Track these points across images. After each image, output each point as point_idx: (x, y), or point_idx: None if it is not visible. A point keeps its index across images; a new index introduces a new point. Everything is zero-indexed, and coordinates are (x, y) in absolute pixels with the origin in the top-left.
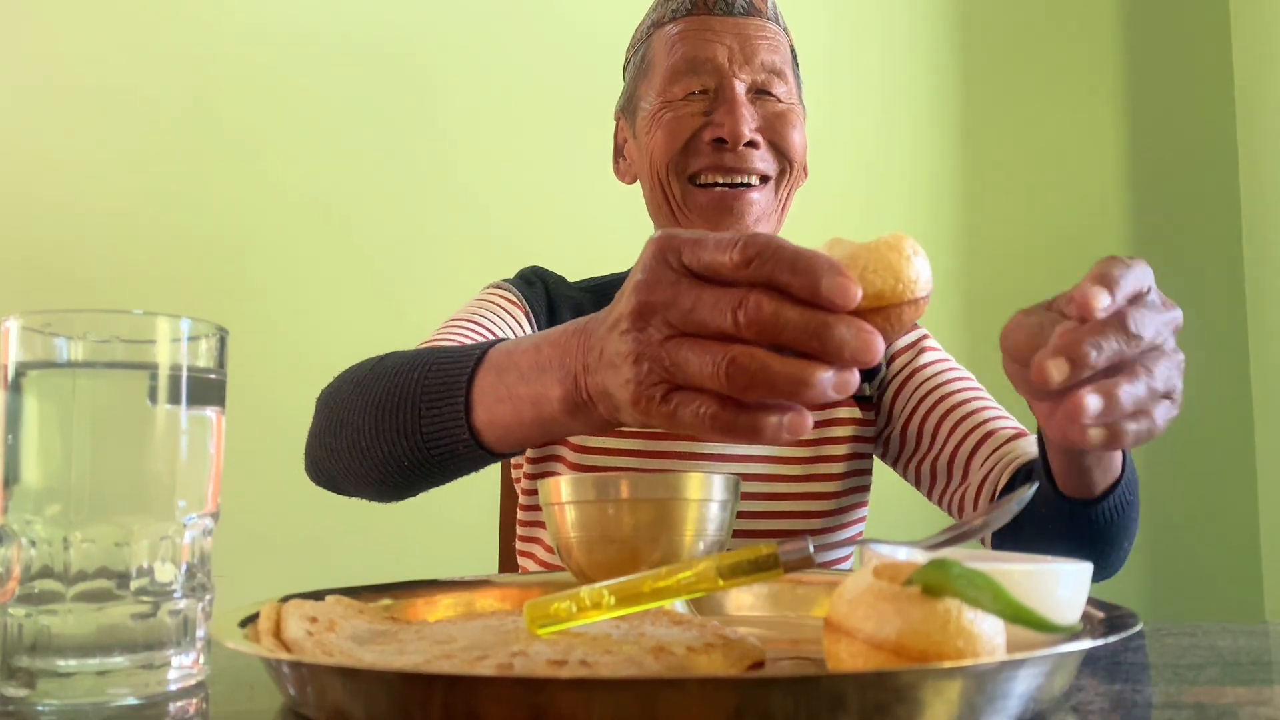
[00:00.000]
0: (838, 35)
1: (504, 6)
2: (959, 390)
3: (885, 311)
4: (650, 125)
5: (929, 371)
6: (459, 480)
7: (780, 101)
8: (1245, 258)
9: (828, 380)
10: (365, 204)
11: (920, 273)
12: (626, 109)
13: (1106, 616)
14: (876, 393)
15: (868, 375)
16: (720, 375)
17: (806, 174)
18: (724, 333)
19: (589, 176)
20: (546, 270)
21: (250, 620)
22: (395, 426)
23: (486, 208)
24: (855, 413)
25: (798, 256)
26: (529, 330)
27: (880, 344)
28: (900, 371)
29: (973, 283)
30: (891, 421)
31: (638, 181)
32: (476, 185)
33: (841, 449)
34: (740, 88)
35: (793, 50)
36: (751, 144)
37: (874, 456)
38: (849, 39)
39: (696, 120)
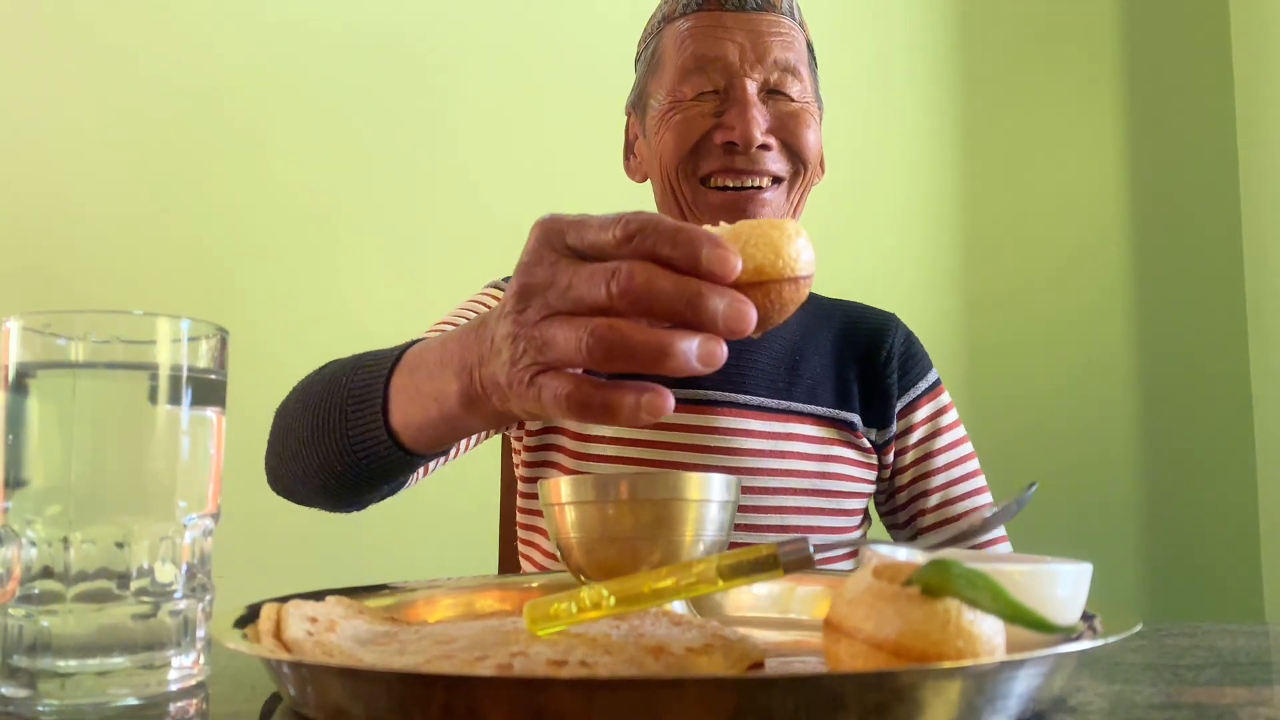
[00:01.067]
0: (836, 36)
1: (511, 2)
2: (959, 498)
3: (765, 287)
4: (660, 126)
5: (940, 475)
6: (459, 479)
7: (794, 100)
8: (1245, 259)
9: (691, 350)
10: (368, 203)
11: (802, 252)
12: (637, 105)
13: (1106, 617)
14: (880, 441)
15: (872, 423)
16: (582, 349)
17: (824, 171)
18: (599, 307)
19: (597, 174)
20: None
21: (250, 621)
22: (325, 430)
23: (491, 206)
24: (855, 455)
25: (678, 230)
26: None
27: (754, 315)
28: (915, 446)
29: (972, 284)
30: (890, 482)
31: (648, 180)
32: (481, 183)
33: (850, 500)
34: (752, 88)
35: (809, 45)
36: (763, 146)
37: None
38: (848, 40)
39: (707, 121)
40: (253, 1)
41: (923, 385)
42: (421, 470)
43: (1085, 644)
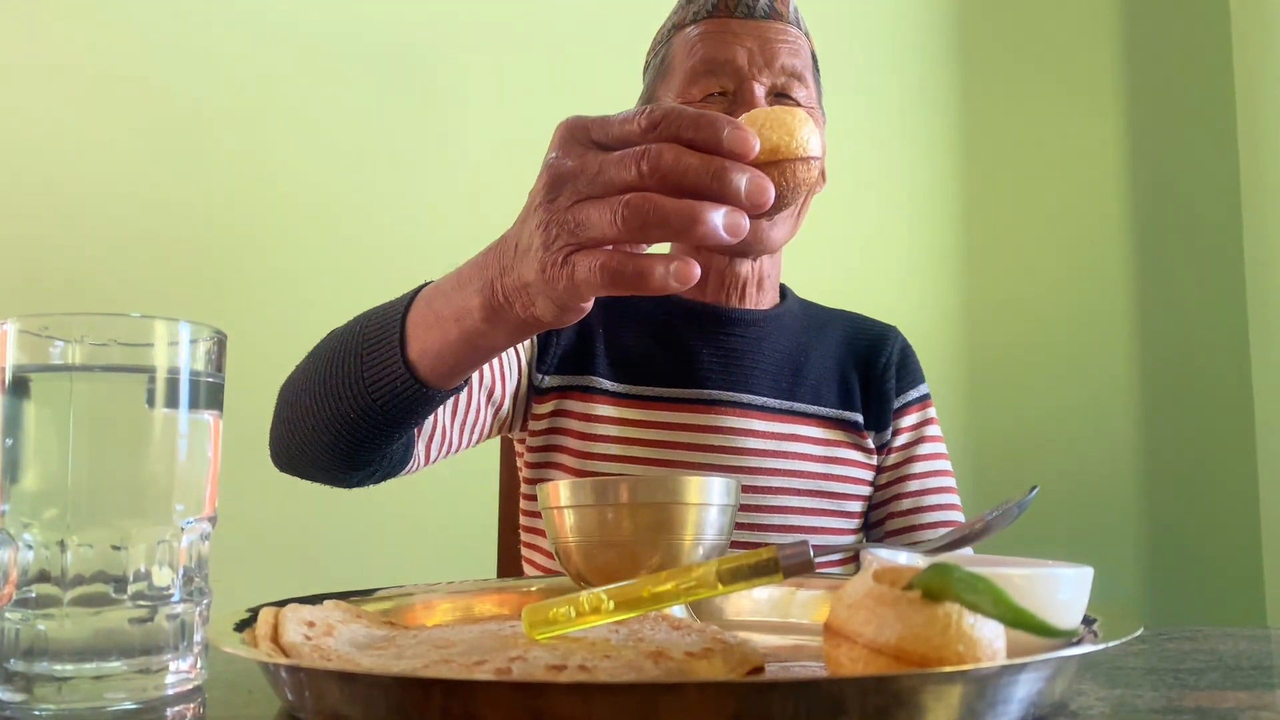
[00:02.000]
0: (836, 41)
1: (512, 5)
2: (931, 508)
3: (780, 165)
4: None
5: (915, 481)
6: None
7: (800, 106)
8: (1246, 263)
9: (718, 218)
10: (367, 205)
11: (812, 135)
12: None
13: (1107, 621)
14: (878, 444)
15: (871, 425)
16: (617, 220)
17: (825, 180)
18: (630, 186)
19: None
20: None
21: (248, 625)
22: (340, 378)
23: (492, 210)
24: (859, 456)
25: (700, 115)
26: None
27: (772, 189)
28: (898, 449)
29: (973, 289)
30: (876, 478)
31: None
32: (482, 187)
33: (853, 502)
34: (760, 91)
35: (814, 55)
36: None
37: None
38: (847, 44)
39: None
40: (251, 5)
41: (914, 394)
42: (424, 454)
43: (1086, 648)
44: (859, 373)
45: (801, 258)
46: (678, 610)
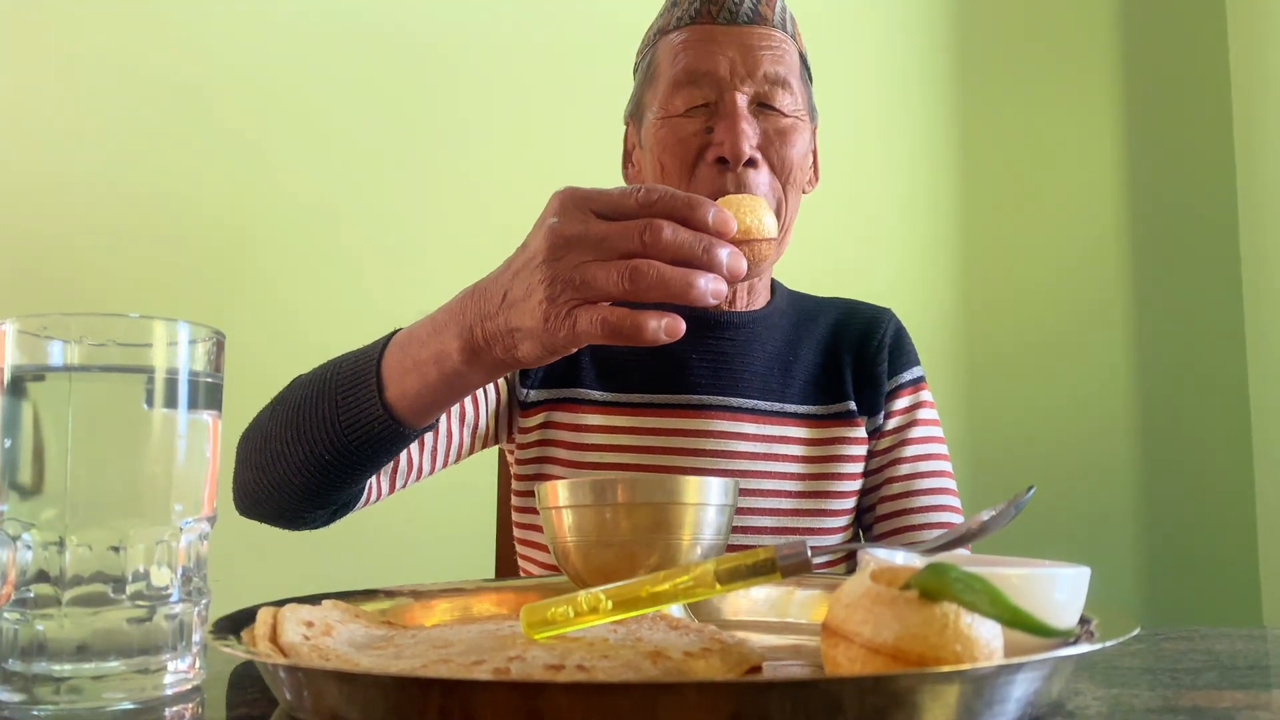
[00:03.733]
0: (833, 43)
1: (510, 7)
2: (922, 492)
3: (750, 244)
4: (653, 142)
5: (906, 465)
6: (456, 484)
7: (784, 115)
8: (1242, 262)
9: (707, 284)
10: (367, 204)
11: (771, 219)
12: (634, 115)
13: (1104, 620)
14: (870, 429)
15: (864, 410)
16: (624, 280)
17: (818, 178)
18: (630, 254)
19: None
20: None
21: (247, 625)
22: (315, 422)
23: (490, 208)
24: (852, 450)
25: (689, 197)
26: None
27: (745, 263)
28: (890, 433)
29: (970, 290)
30: (867, 464)
31: None
32: (481, 185)
33: (846, 499)
34: (742, 101)
35: (803, 57)
36: (750, 163)
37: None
38: (844, 46)
39: (698, 139)
40: (253, 5)
41: (907, 376)
42: (387, 485)
43: (1083, 648)
44: (851, 357)
45: (798, 256)
46: (676, 610)
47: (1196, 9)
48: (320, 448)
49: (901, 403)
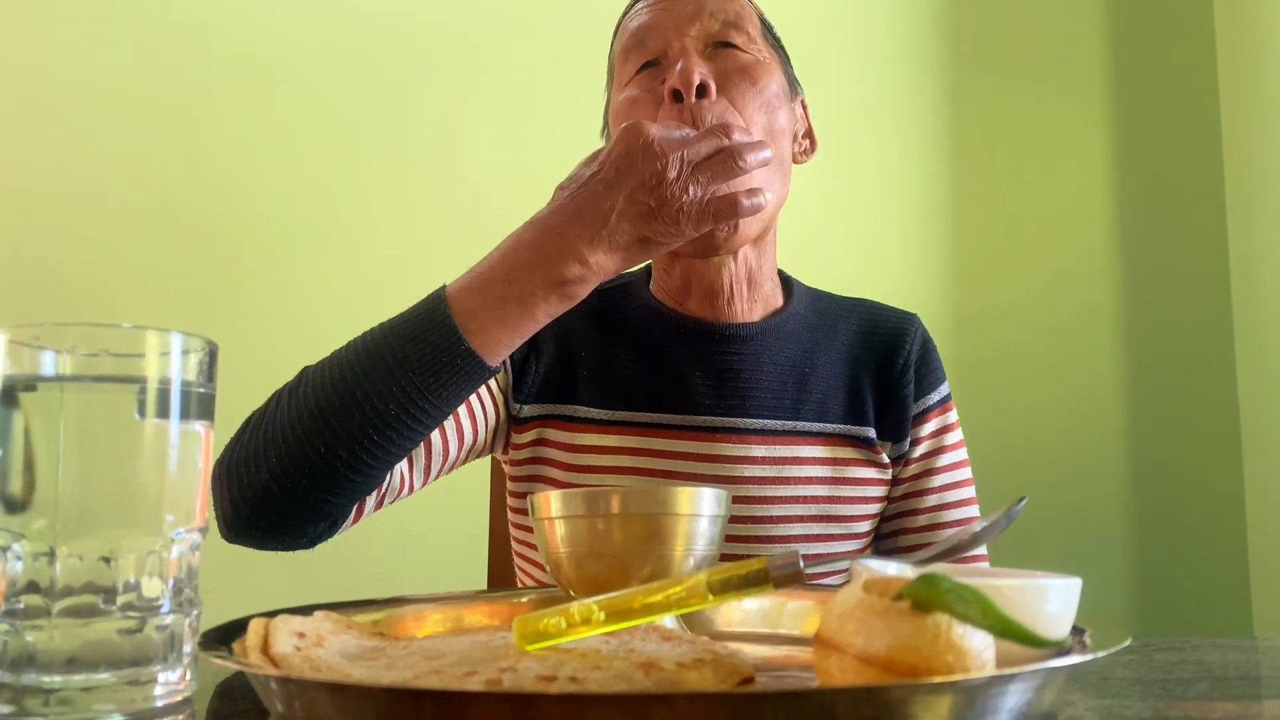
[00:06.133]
0: (824, 45)
1: (507, 10)
2: (949, 524)
3: None
4: (613, 118)
5: (933, 496)
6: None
7: (741, 51)
8: (1231, 262)
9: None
10: (357, 211)
11: None
12: (607, 116)
13: (1095, 631)
14: (894, 455)
15: (887, 437)
16: (734, 165)
17: (814, 148)
18: (714, 151)
19: None
20: None
21: (238, 636)
22: (375, 378)
23: (483, 216)
24: (871, 473)
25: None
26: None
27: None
28: (916, 460)
29: (960, 296)
30: (889, 491)
31: None
32: (473, 187)
33: (862, 523)
34: (689, 44)
35: (763, 20)
36: (703, 91)
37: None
38: (833, 51)
39: (653, 95)
40: (243, 10)
41: (935, 397)
42: (374, 502)
43: (1075, 659)
44: (872, 377)
45: (789, 261)
46: (669, 621)
47: (1184, 15)
48: (387, 400)
49: (928, 427)
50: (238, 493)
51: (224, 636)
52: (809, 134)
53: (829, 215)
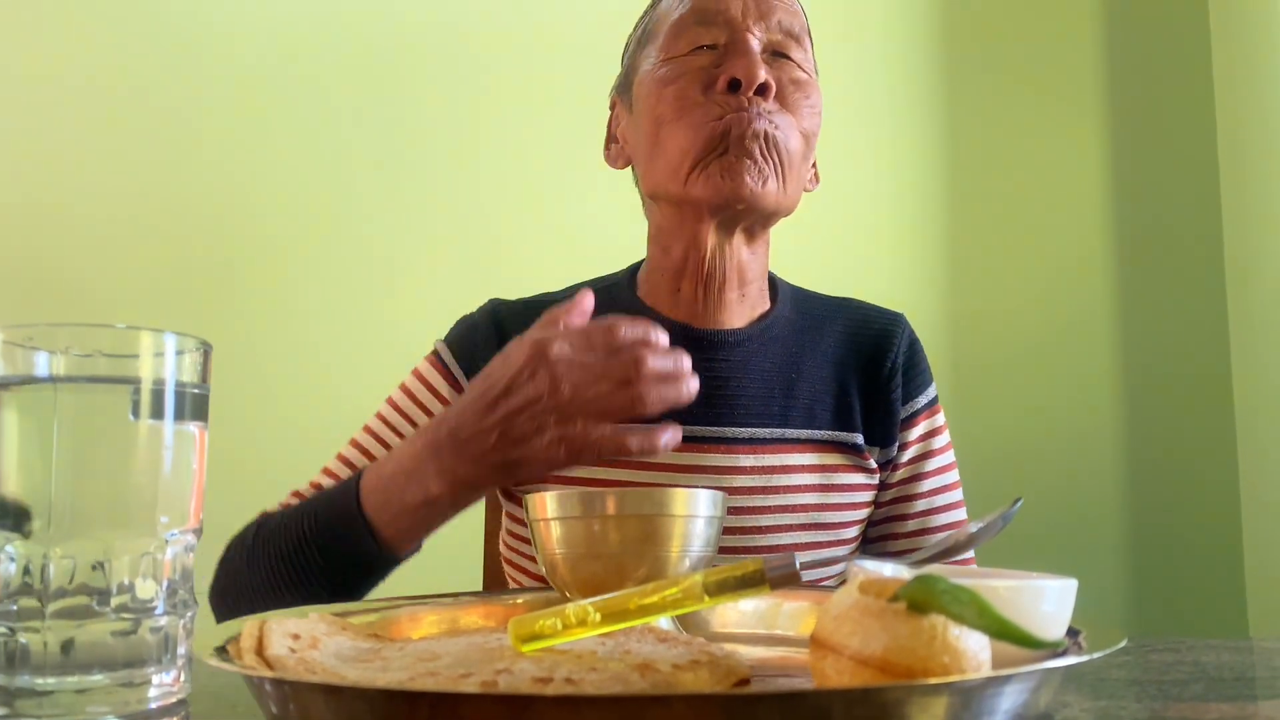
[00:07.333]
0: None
1: (491, 5)
2: (937, 529)
3: None
4: (651, 87)
5: (921, 500)
6: None
7: (800, 69)
8: (1226, 264)
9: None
10: (352, 214)
11: None
12: (622, 86)
13: (1091, 632)
14: (882, 460)
15: (875, 442)
16: (632, 405)
17: (818, 179)
18: (625, 379)
19: (580, 177)
20: (503, 303)
21: (232, 638)
22: (303, 573)
23: (474, 213)
24: (859, 479)
25: (644, 327)
26: (452, 398)
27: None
28: (904, 465)
29: (955, 297)
30: (877, 496)
31: (629, 166)
32: (466, 191)
33: (850, 528)
34: (755, 44)
35: (809, 31)
36: (764, 90)
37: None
38: (827, 52)
39: (705, 74)
40: (241, 13)
41: (921, 400)
42: None
43: (1071, 660)
44: (860, 381)
45: (782, 262)
46: (664, 622)
47: (1180, 17)
48: (319, 590)
49: (916, 431)
50: (221, 596)
51: (219, 638)
52: (814, 164)
53: (823, 217)
